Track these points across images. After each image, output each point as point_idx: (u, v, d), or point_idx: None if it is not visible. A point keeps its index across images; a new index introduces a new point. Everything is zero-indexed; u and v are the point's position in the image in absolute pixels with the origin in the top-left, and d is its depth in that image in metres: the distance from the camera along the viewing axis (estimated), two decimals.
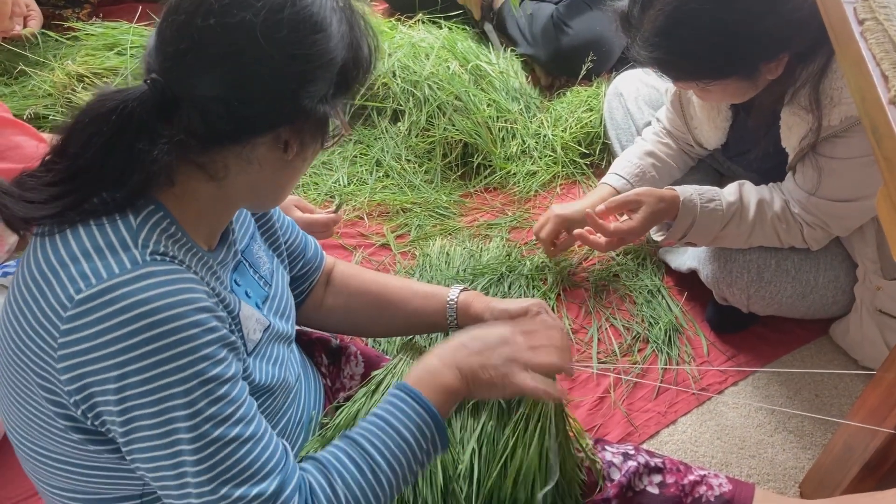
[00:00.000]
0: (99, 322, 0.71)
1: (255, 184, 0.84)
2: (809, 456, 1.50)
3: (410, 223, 2.00)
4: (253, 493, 0.77)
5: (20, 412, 0.81)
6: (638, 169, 1.79)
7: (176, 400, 0.73)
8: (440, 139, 2.12)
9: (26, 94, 2.05)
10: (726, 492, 1.18)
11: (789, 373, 1.66)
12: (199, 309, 0.75)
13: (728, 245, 1.60)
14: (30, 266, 0.77)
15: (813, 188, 1.48)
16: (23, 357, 0.76)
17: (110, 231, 0.75)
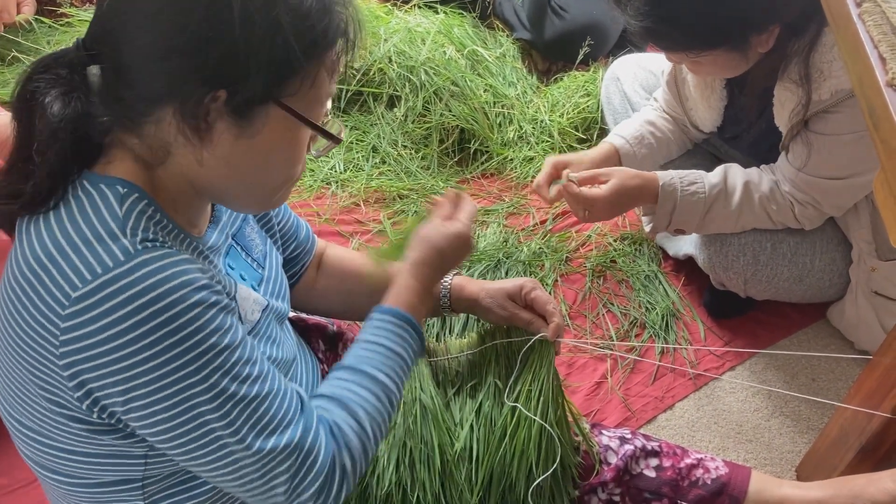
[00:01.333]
0: (99, 318, 0.71)
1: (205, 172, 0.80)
2: (806, 440, 1.50)
3: (407, 210, 1.99)
4: (283, 443, 0.78)
5: (18, 403, 0.80)
6: (637, 133, 1.77)
7: (191, 379, 0.73)
8: (437, 125, 2.11)
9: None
10: (723, 475, 1.18)
11: (786, 357, 1.66)
12: (198, 288, 0.74)
13: (718, 230, 1.59)
14: (20, 259, 0.76)
15: (802, 164, 1.48)
16: (21, 353, 0.76)
17: (96, 221, 0.74)
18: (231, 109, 0.75)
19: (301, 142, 0.83)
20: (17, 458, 1.34)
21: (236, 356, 0.77)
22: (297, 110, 0.78)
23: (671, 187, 1.53)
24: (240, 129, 0.77)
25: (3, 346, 0.78)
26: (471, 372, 1.21)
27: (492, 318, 1.18)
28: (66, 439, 0.80)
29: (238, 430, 0.77)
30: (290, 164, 0.84)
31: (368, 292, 1.19)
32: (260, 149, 0.79)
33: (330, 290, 1.20)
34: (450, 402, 1.17)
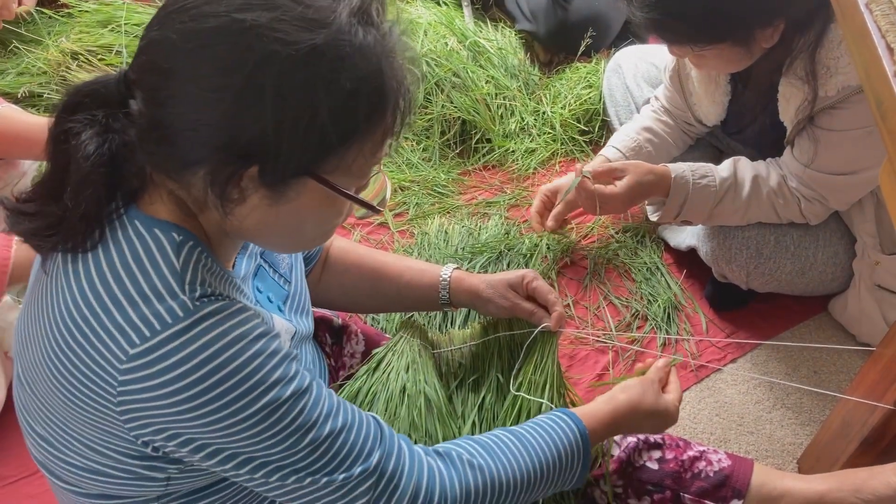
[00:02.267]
0: (158, 375, 0.70)
1: (239, 228, 0.79)
2: (808, 432, 1.50)
3: (409, 201, 1.99)
4: (357, 472, 0.80)
5: (53, 424, 0.79)
6: (634, 143, 1.78)
7: (258, 428, 0.74)
8: (438, 116, 2.11)
9: (21, 71, 2.03)
10: (725, 467, 1.18)
11: (788, 349, 1.67)
12: (256, 338, 0.74)
13: (725, 222, 1.60)
14: (69, 303, 0.73)
15: (809, 160, 1.48)
16: (70, 393, 0.74)
17: (154, 275, 0.72)
18: (263, 182, 0.72)
19: (338, 207, 0.79)
20: (18, 448, 1.35)
21: (302, 403, 0.77)
22: (337, 181, 0.75)
23: (683, 179, 1.53)
24: (272, 198, 0.74)
25: (45, 377, 0.76)
26: (473, 364, 1.21)
27: (492, 310, 1.18)
28: (100, 461, 0.79)
29: (312, 471, 0.78)
30: (327, 222, 0.81)
31: (370, 284, 1.20)
32: (293, 213, 0.76)
33: (334, 282, 1.21)
34: (452, 395, 1.17)
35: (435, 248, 1.81)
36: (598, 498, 1.17)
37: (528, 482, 0.91)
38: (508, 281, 1.17)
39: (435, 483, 0.84)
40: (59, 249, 0.76)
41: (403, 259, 1.24)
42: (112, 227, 0.75)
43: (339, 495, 0.79)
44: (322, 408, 0.79)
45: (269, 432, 0.74)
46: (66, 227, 0.74)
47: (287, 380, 0.76)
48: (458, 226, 1.89)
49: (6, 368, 1.38)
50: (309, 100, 0.69)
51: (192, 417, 0.71)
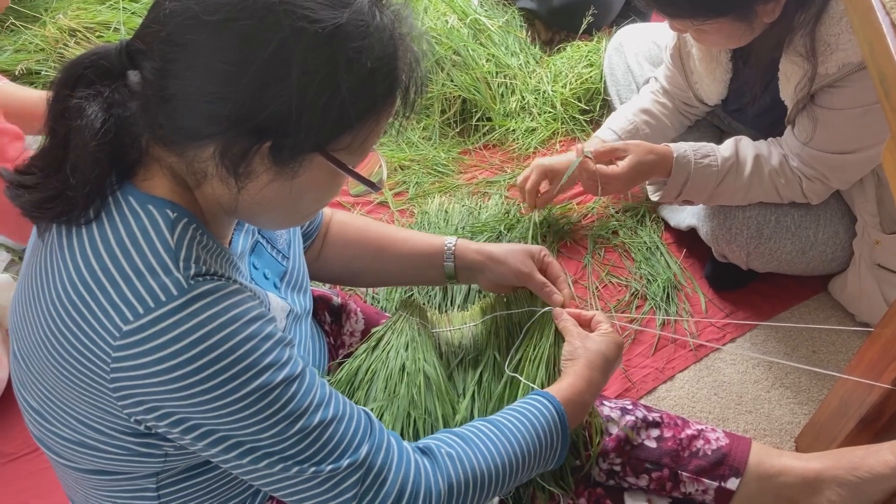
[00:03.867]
0: (151, 353, 0.70)
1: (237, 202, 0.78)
2: (806, 411, 1.51)
3: (409, 181, 1.98)
4: (344, 465, 0.79)
5: (47, 400, 0.79)
6: (631, 125, 1.78)
7: (247, 412, 0.73)
8: (438, 95, 2.09)
9: (18, 48, 2.02)
10: (723, 446, 1.19)
11: (787, 329, 1.67)
12: (250, 321, 0.74)
13: (726, 202, 1.59)
14: (65, 279, 0.73)
15: (808, 138, 1.47)
16: (65, 368, 0.74)
17: (148, 251, 0.72)
18: (274, 158, 0.73)
19: (338, 184, 0.81)
20: (21, 425, 1.35)
21: (293, 390, 0.76)
22: (342, 159, 0.76)
23: (685, 159, 1.53)
24: (279, 174, 0.74)
25: (41, 353, 0.76)
26: (473, 344, 1.21)
27: (503, 272, 1.17)
28: (94, 436, 0.79)
29: (300, 460, 0.77)
30: (324, 198, 0.83)
31: (372, 256, 1.19)
32: (296, 189, 0.77)
33: (335, 256, 1.20)
34: (452, 373, 1.17)
35: (435, 227, 1.81)
36: (596, 476, 1.17)
37: (510, 469, 0.90)
38: (526, 249, 1.17)
39: (420, 480, 0.84)
40: (56, 221, 0.75)
41: (405, 230, 1.24)
42: (107, 204, 0.74)
43: (326, 488, 0.79)
44: (314, 396, 0.78)
45: (257, 416, 0.74)
46: (65, 200, 0.73)
47: (279, 365, 0.75)
48: (458, 205, 1.89)
49: (8, 346, 1.39)
50: (332, 77, 0.69)
51: (183, 397, 0.71)
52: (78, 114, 0.72)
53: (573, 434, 1.12)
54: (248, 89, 0.68)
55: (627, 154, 1.55)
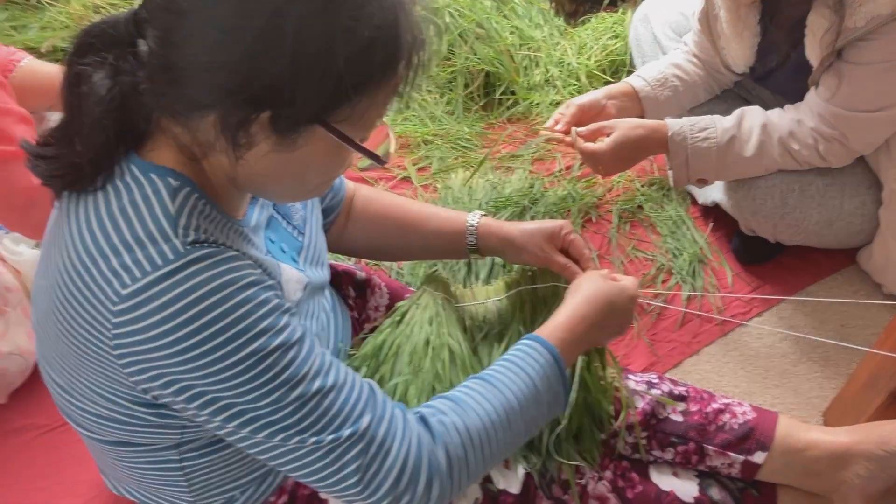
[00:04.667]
0: (148, 317, 0.71)
1: (242, 174, 0.78)
2: (833, 385, 1.50)
3: (432, 155, 1.98)
4: (345, 435, 0.78)
5: (66, 371, 0.81)
6: (661, 75, 1.73)
7: (243, 377, 0.73)
8: (461, 69, 2.08)
9: (44, 25, 2.03)
10: (750, 419, 1.18)
11: (815, 302, 1.65)
12: (246, 286, 0.74)
13: (742, 174, 1.57)
14: (69, 246, 0.75)
15: (831, 95, 1.44)
16: (74, 334, 0.76)
17: (149, 218, 0.73)
18: (274, 129, 0.72)
19: (343, 157, 0.80)
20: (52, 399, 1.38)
21: (290, 356, 0.76)
22: (345, 132, 0.74)
23: (680, 136, 1.50)
24: (280, 145, 0.74)
25: (53, 324, 0.78)
26: (498, 319, 1.21)
27: (525, 258, 1.16)
28: (110, 407, 0.80)
29: (300, 429, 0.77)
30: (330, 171, 0.82)
31: (396, 232, 1.19)
32: (299, 161, 0.76)
33: (359, 231, 1.20)
34: (477, 348, 1.17)
35: (459, 203, 1.80)
36: (621, 449, 1.17)
37: (511, 422, 0.89)
38: (545, 232, 1.14)
39: (423, 452, 0.82)
40: (68, 190, 0.77)
41: (429, 206, 1.23)
42: (113, 173, 0.75)
43: (329, 460, 0.78)
44: (312, 364, 0.78)
45: (254, 383, 0.74)
46: (74, 168, 0.74)
47: (275, 331, 0.75)
48: (481, 179, 1.88)
49: None
50: (327, 47, 0.68)
51: (180, 362, 0.72)
52: (85, 81, 0.73)
53: (594, 408, 1.12)
54: (243, 58, 0.68)
55: (613, 130, 1.51)
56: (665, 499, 1.13)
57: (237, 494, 0.97)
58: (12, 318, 1.34)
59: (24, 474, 1.29)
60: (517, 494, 1.07)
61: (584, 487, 1.10)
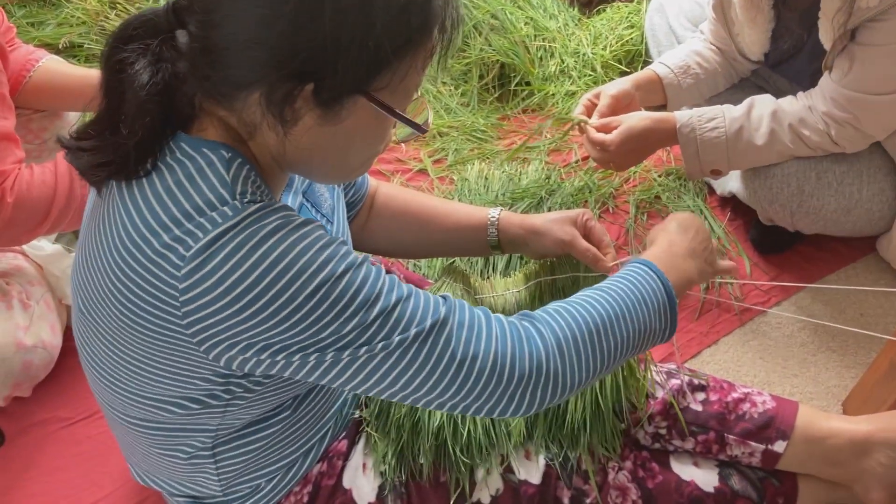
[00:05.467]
0: (214, 273, 0.71)
1: (289, 152, 0.79)
2: (853, 374, 1.49)
3: (448, 147, 1.97)
4: (427, 324, 0.78)
5: (114, 353, 0.81)
6: (682, 62, 1.72)
7: (320, 309, 0.73)
8: (476, 60, 2.08)
9: (61, 21, 2.04)
10: (770, 409, 1.18)
11: (834, 291, 1.64)
12: (301, 224, 0.75)
13: (756, 163, 1.56)
14: (128, 227, 0.75)
15: (842, 76, 1.42)
16: (137, 315, 0.76)
17: (206, 188, 0.73)
18: (318, 101, 0.73)
19: (385, 128, 0.81)
20: (76, 391, 1.40)
21: (361, 276, 0.76)
22: (386, 101, 0.76)
23: (688, 128, 1.49)
24: (325, 118, 0.75)
25: (108, 305, 0.78)
26: (516, 310, 1.21)
27: (547, 244, 1.16)
28: (161, 387, 0.81)
29: (376, 344, 0.76)
30: (373, 145, 0.83)
31: (417, 228, 1.20)
32: (343, 134, 0.78)
33: (380, 227, 1.21)
34: None
35: (475, 194, 1.80)
36: (641, 439, 1.17)
37: (618, 329, 0.88)
38: (568, 216, 1.16)
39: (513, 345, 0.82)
40: (113, 179, 0.78)
41: (450, 202, 1.24)
42: (162, 155, 0.76)
43: (422, 357, 0.78)
44: (383, 281, 0.78)
45: (332, 312, 0.73)
46: (121, 155, 0.75)
47: (339, 257, 0.75)
48: (497, 171, 1.88)
49: (61, 315, 1.42)
50: (365, 13, 0.70)
51: (254, 314, 0.72)
52: (128, 67, 0.74)
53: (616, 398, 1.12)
54: (283, 32, 0.69)
55: (620, 123, 1.51)
56: (685, 489, 1.12)
57: (263, 483, 0.98)
58: (36, 312, 1.36)
59: (48, 466, 1.31)
60: (538, 485, 1.07)
61: (604, 477, 1.10)
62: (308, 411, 0.98)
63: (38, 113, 1.56)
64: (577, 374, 0.85)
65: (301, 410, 0.97)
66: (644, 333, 0.91)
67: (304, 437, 1.00)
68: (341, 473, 1.05)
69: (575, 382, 0.85)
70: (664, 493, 1.12)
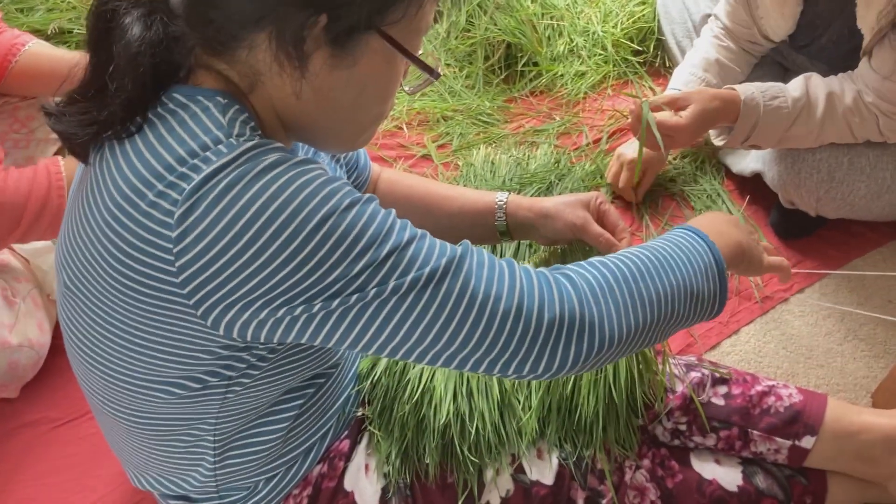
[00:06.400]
0: (208, 212, 0.65)
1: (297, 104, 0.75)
2: (882, 365, 1.42)
3: (452, 132, 1.91)
4: (443, 262, 0.71)
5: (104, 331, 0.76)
6: (703, 83, 1.66)
7: (325, 248, 0.67)
8: (481, 40, 2.02)
9: (50, 7, 1.99)
10: (797, 402, 1.12)
11: (860, 277, 1.57)
12: (300, 162, 0.69)
13: (796, 145, 1.49)
14: (118, 181, 0.70)
15: (890, 72, 1.36)
16: (129, 283, 0.70)
17: (200, 130, 0.68)
18: (330, 38, 0.70)
19: (397, 75, 0.77)
20: (66, 391, 1.36)
21: (369, 211, 0.70)
22: (398, 40, 0.72)
23: (753, 102, 1.42)
24: (338, 58, 0.71)
25: (99, 274, 0.72)
26: None
27: (559, 227, 1.10)
28: (158, 370, 0.76)
29: (387, 285, 0.69)
30: (383, 98, 0.79)
31: (422, 213, 1.15)
32: (357, 81, 0.74)
33: None
34: None
35: (481, 180, 1.74)
36: (660, 435, 1.11)
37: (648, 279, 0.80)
38: (581, 199, 1.10)
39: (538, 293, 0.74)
40: (102, 140, 0.73)
41: (455, 187, 1.20)
42: (154, 107, 0.71)
43: (426, 301, 0.71)
44: (392, 219, 0.72)
45: (339, 251, 0.67)
46: (109, 113, 0.70)
47: (343, 192, 0.69)
48: (504, 156, 1.81)
49: (49, 312, 1.37)
50: None
51: (254, 255, 0.66)
52: (119, 17, 0.70)
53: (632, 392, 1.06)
54: None
55: (690, 103, 1.44)
56: (707, 488, 1.07)
57: (261, 484, 0.95)
58: (22, 310, 1.30)
59: (38, 469, 1.26)
60: (551, 486, 1.02)
61: (621, 477, 1.05)
62: (311, 406, 0.94)
63: (26, 101, 1.53)
64: (615, 325, 0.77)
65: (304, 404, 0.93)
66: (692, 295, 0.83)
67: (306, 434, 0.96)
68: (343, 475, 1.01)
69: (615, 335, 0.77)
70: (685, 492, 1.06)
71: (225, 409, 0.83)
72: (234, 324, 0.70)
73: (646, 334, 0.80)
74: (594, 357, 0.77)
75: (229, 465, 0.90)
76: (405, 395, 1.03)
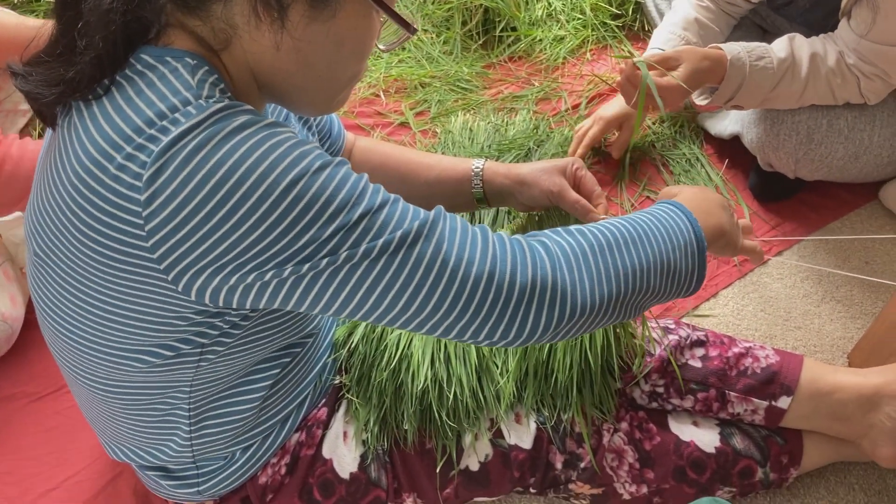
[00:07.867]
0: (177, 174, 0.64)
1: (273, 61, 0.73)
2: (859, 325, 1.43)
3: (430, 99, 1.89)
4: (415, 226, 0.71)
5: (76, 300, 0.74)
6: (681, 40, 1.63)
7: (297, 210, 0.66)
8: (458, 5, 1.98)
9: None
10: (773, 363, 1.12)
11: (837, 240, 1.57)
12: (270, 125, 0.68)
13: (778, 106, 1.48)
14: (84, 141, 0.68)
15: (866, 30, 1.35)
16: (99, 248, 0.68)
17: (169, 93, 0.66)
18: None
19: (374, 31, 0.76)
20: (43, 364, 1.34)
21: (341, 173, 0.69)
22: None
23: (739, 62, 1.40)
24: (316, 10, 0.70)
25: (69, 236, 0.70)
26: None
27: (535, 194, 1.09)
28: (129, 338, 0.75)
29: (359, 249, 0.68)
30: (359, 56, 0.77)
31: (398, 181, 1.13)
32: (333, 36, 0.72)
33: None
34: None
35: (459, 147, 1.72)
36: (637, 398, 1.12)
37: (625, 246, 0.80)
38: (557, 165, 1.09)
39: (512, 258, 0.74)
40: (69, 103, 0.71)
41: (432, 155, 1.18)
42: (122, 71, 0.69)
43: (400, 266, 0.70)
44: (364, 183, 0.71)
45: (311, 212, 0.66)
46: (76, 72, 0.68)
47: (314, 155, 0.68)
48: (483, 122, 1.79)
49: (22, 286, 1.35)
50: None
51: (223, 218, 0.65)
52: None
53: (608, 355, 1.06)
54: None
55: (681, 62, 1.42)
56: (685, 450, 1.07)
57: (238, 453, 0.94)
58: None
59: (15, 443, 1.25)
60: (529, 450, 1.03)
61: (599, 440, 1.05)
62: (286, 374, 0.93)
63: None
64: (588, 294, 0.76)
65: (279, 373, 0.92)
66: (669, 270, 0.83)
67: (282, 403, 0.95)
68: (321, 443, 1.01)
69: (587, 304, 0.76)
70: (663, 454, 1.07)
71: (199, 377, 0.82)
72: (205, 289, 0.69)
73: (619, 306, 0.80)
74: (565, 325, 0.76)
75: (205, 435, 0.90)
76: (382, 362, 1.02)
